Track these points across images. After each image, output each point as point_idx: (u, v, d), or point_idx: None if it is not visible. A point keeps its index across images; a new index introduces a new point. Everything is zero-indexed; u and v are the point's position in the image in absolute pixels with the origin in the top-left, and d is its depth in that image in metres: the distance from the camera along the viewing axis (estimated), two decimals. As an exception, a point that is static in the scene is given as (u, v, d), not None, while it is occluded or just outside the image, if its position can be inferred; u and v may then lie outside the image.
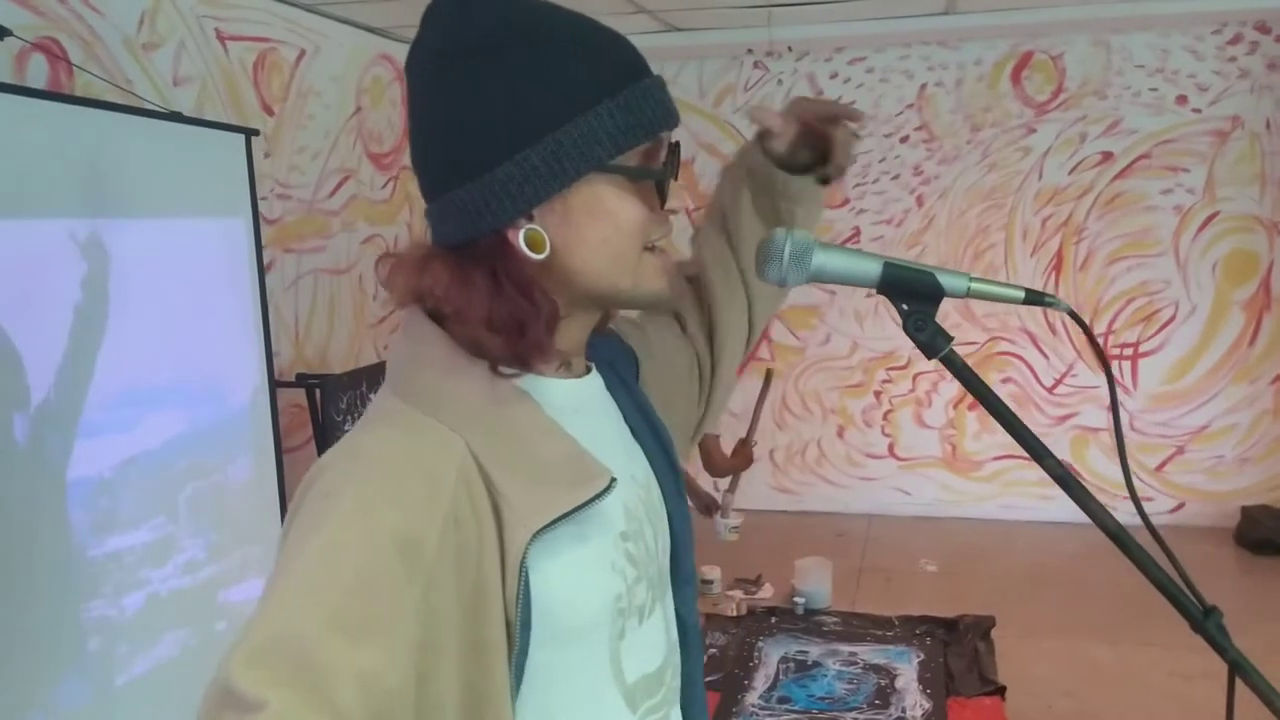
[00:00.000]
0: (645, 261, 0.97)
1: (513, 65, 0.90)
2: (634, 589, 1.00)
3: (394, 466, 0.86)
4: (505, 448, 0.90)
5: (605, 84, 0.91)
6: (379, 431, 0.91)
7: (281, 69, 4.52)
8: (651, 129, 0.93)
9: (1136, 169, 5.58)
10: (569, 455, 0.93)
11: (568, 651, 0.94)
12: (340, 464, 0.88)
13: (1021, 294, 0.99)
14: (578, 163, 0.90)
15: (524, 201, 0.91)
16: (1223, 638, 0.99)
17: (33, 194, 2.60)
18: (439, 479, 0.86)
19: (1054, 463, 1.00)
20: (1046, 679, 3.95)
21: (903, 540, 5.64)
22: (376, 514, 0.82)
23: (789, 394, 6.21)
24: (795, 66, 5.94)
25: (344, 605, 0.78)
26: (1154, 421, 5.74)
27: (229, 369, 3.23)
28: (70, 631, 2.63)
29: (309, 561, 0.80)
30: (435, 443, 0.88)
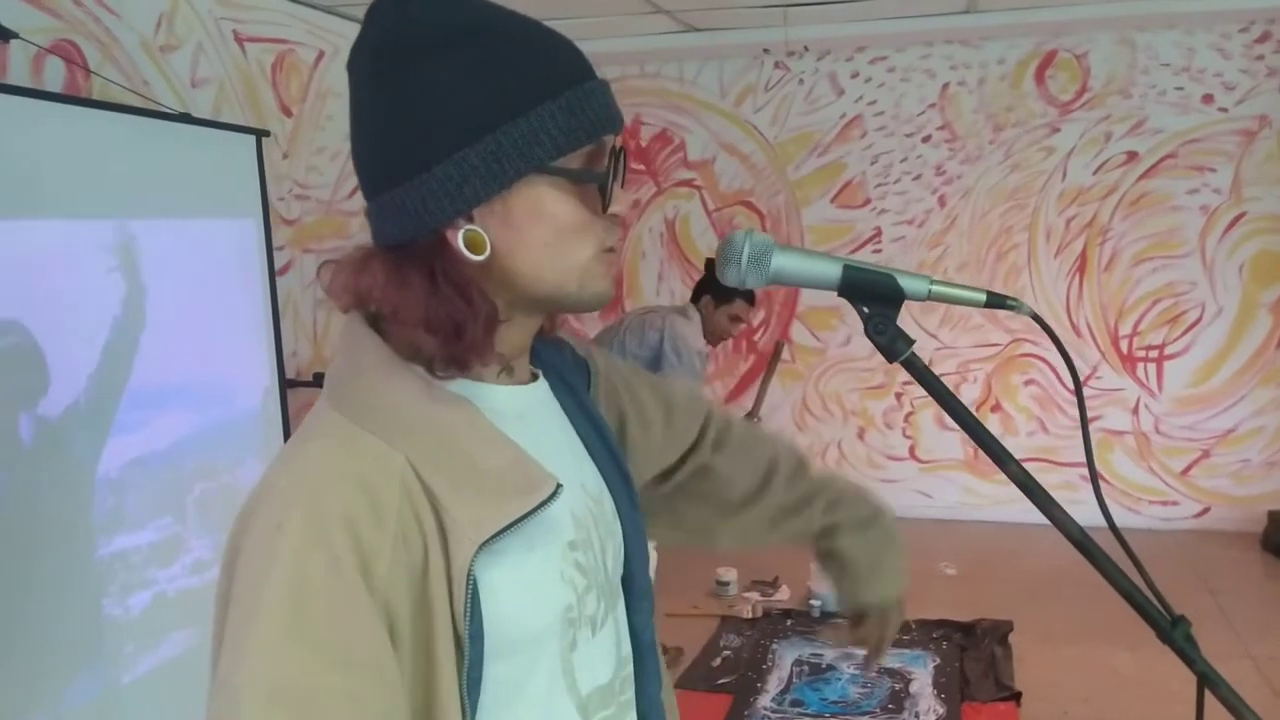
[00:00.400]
0: (595, 264, 0.95)
1: (452, 64, 0.89)
2: (584, 599, 0.99)
3: (338, 490, 0.84)
4: (445, 459, 0.88)
5: (547, 85, 0.91)
6: (317, 449, 0.88)
7: (300, 70, 4.55)
8: (593, 131, 0.92)
9: (1162, 169, 5.51)
10: (511, 463, 0.91)
11: (520, 663, 0.93)
12: (284, 490, 0.85)
13: (983, 297, 0.98)
14: (517, 163, 0.89)
15: (462, 202, 0.90)
16: (1190, 648, 0.97)
17: (44, 195, 2.63)
18: (382, 498, 0.84)
19: (1016, 467, 0.99)
20: (1064, 685, 3.90)
21: (922, 543, 5.60)
22: (331, 539, 0.81)
23: (809, 395, 6.18)
24: (816, 66, 5.91)
25: (327, 640, 0.79)
26: (1179, 425, 5.67)
27: (239, 370, 3.25)
28: (76, 630, 2.65)
29: (279, 600, 0.79)
30: (374, 460, 0.86)
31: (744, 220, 6.13)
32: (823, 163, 5.99)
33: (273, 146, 4.33)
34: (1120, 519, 4.51)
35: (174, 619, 2.94)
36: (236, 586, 0.82)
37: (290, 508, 0.82)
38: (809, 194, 6.04)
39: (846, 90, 5.89)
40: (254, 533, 0.83)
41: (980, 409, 5.93)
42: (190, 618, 2.95)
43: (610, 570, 1.05)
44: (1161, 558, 5.26)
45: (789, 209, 6.08)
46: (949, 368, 5.94)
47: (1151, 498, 5.72)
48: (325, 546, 0.80)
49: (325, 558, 0.80)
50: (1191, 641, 0.98)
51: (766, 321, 6.18)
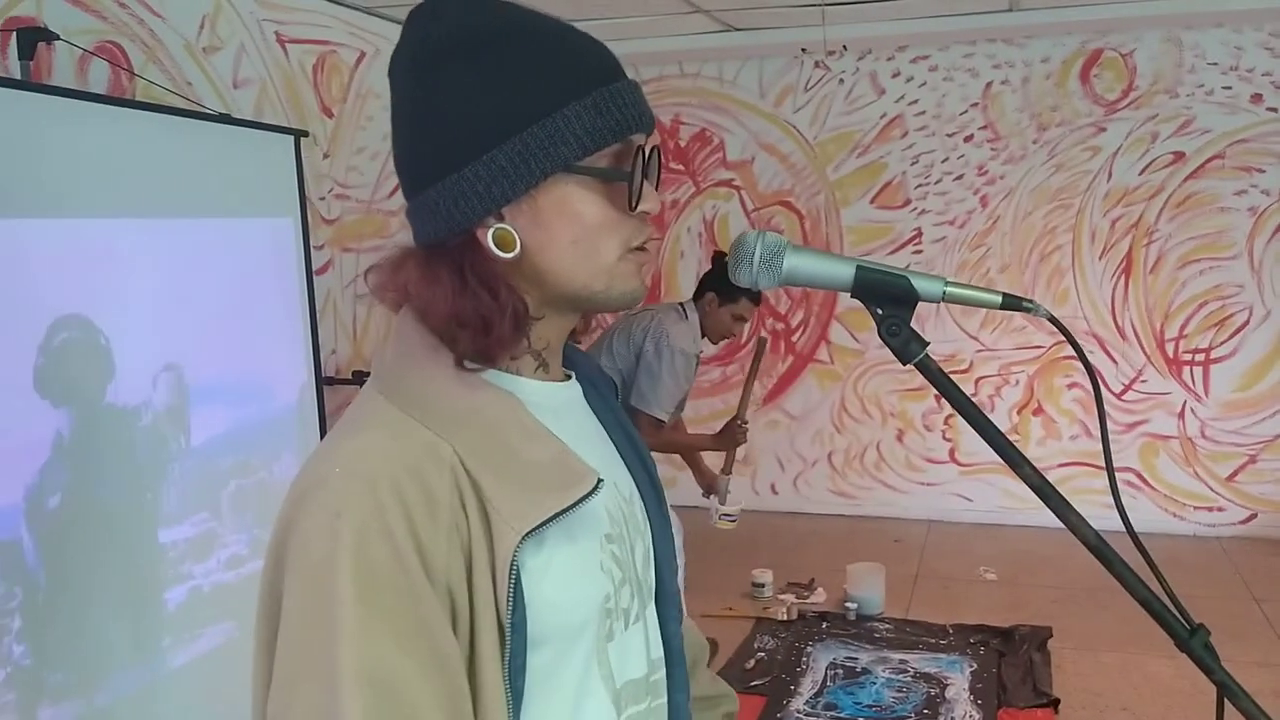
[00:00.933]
0: (622, 264, 0.97)
1: (481, 67, 0.92)
2: (620, 591, 1.01)
3: (395, 481, 0.85)
4: (491, 451, 0.91)
5: (573, 86, 0.92)
6: (371, 440, 0.90)
7: (341, 71, 4.59)
8: (620, 131, 0.94)
9: (1209, 169, 5.42)
10: (554, 456, 0.93)
11: (558, 650, 0.94)
12: (340, 479, 0.86)
13: (999, 299, 0.97)
14: (544, 163, 0.91)
15: (491, 201, 0.92)
16: (1210, 657, 0.95)
17: (87, 194, 2.67)
18: (435, 489, 0.87)
19: (1030, 470, 0.97)
20: (1102, 692, 3.85)
21: (962, 547, 5.55)
22: (392, 530, 0.83)
23: (848, 397, 6.14)
24: (857, 65, 5.87)
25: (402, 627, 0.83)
26: (1226, 429, 5.57)
27: (276, 367, 3.28)
28: (114, 624, 2.69)
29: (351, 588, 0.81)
30: (426, 451, 0.88)
31: (783, 221, 6.11)
32: (863, 163, 5.95)
33: (313, 147, 4.38)
34: (1165, 525, 4.48)
35: (210, 613, 2.98)
36: (294, 574, 0.85)
37: (349, 496, 0.84)
38: (849, 194, 6.00)
39: (887, 89, 5.85)
40: (310, 520, 0.85)
41: (1022, 412, 5.87)
42: (226, 612, 2.99)
43: (641, 569, 1.07)
44: (1206, 565, 5.18)
45: (828, 209, 6.05)
46: (990, 370, 5.88)
47: (1196, 503, 5.62)
48: (386, 536, 0.83)
49: (388, 548, 0.82)
50: (1210, 650, 0.96)
51: (805, 322, 6.15)
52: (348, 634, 0.80)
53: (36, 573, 2.47)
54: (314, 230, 4.35)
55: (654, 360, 3.70)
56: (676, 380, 3.76)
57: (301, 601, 0.84)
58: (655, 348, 3.70)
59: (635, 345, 3.76)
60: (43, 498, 2.48)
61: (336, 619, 0.81)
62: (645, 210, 0.97)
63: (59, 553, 2.53)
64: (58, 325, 2.53)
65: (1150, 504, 5.67)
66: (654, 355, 3.70)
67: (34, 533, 2.45)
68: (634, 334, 3.79)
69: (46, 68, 3.11)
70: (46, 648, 2.50)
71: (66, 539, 2.55)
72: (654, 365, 3.70)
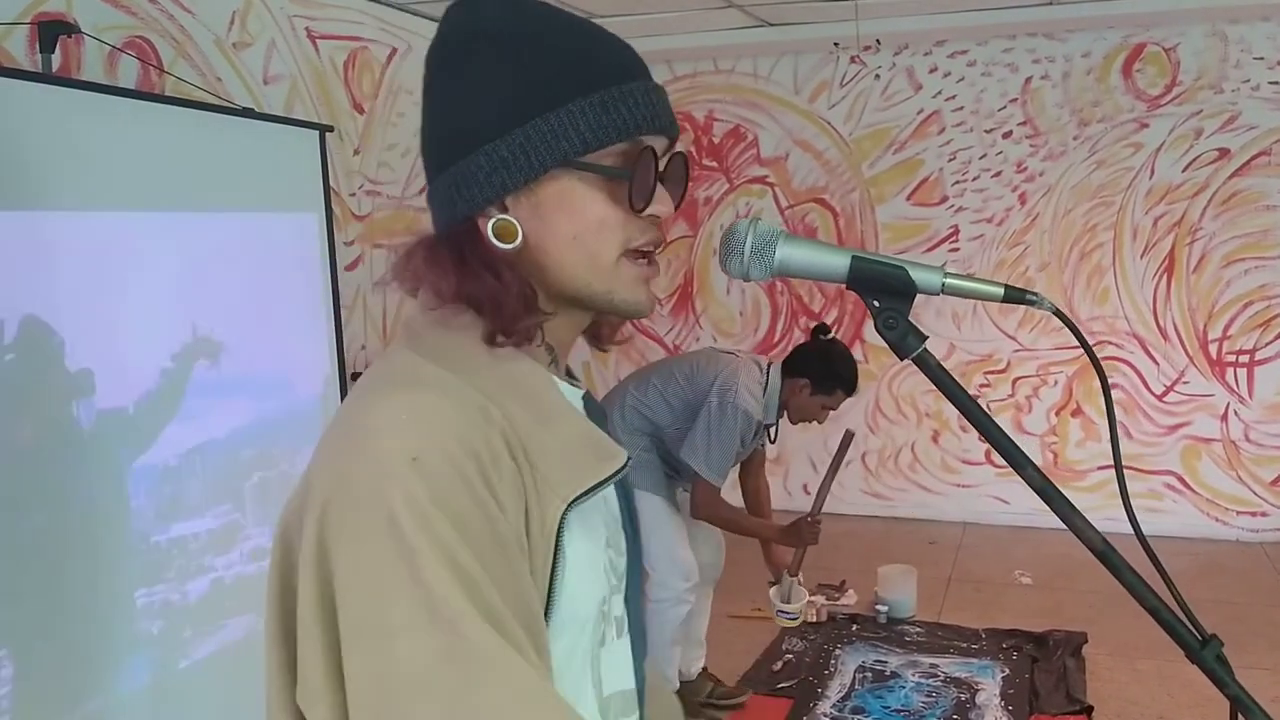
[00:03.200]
0: (622, 267, 0.96)
1: (492, 62, 0.95)
2: (613, 598, 1.00)
3: (464, 431, 0.83)
4: (534, 420, 0.91)
5: (581, 83, 0.93)
6: (426, 392, 0.87)
7: (372, 67, 4.60)
8: (626, 130, 0.93)
9: (1255, 166, 5.29)
10: (587, 432, 0.95)
11: (566, 643, 0.93)
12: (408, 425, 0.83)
13: (1001, 291, 0.93)
14: (544, 157, 0.92)
15: (491, 191, 0.94)
16: (1222, 670, 0.90)
17: (113, 188, 2.69)
18: (496, 445, 0.85)
19: (1034, 472, 0.93)
20: (1138, 700, 3.76)
21: (998, 550, 5.46)
22: (470, 478, 0.81)
23: (882, 397, 6.07)
24: (894, 61, 5.79)
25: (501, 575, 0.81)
26: (1270, 433, 5.43)
27: (300, 360, 3.29)
28: (135, 615, 2.70)
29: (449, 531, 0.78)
30: (478, 409, 0.86)
31: (818, 218, 6.05)
32: (899, 159, 5.88)
33: (344, 143, 4.39)
34: (1206, 529, 4.38)
35: (231, 605, 2.98)
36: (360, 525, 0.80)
37: (422, 444, 0.81)
38: (884, 191, 5.93)
39: (924, 85, 5.77)
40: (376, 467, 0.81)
41: (1060, 413, 5.77)
42: (247, 604, 2.99)
43: (626, 582, 1.05)
44: (1249, 570, 5.06)
45: (863, 206, 5.98)
46: (1028, 370, 5.78)
47: (1239, 508, 5.49)
48: (465, 484, 0.81)
49: (468, 495, 0.80)
50: (1223, 662, 0.91)
51: (840, 321, 6.08)
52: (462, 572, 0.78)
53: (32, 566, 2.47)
54: (345, 226, 4.37)
55: (716, 416, 3.36)
56: (734, 442, 3.42)
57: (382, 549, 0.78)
58: (720, 402, 3.36)
59: (698, 390, 3.42)
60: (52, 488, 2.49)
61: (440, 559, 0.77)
62: (655, 214, 0.96)
63: (68, 546, 2.54)
64: (73, 317, 2.54)
65: (1192, 508, 5.55)
66: (718, 410, 3.36)
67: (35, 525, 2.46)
68: (700, 375, 3.46)
69: (76, 62, 3.13)
70: (62, 642, 2.51)
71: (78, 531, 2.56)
72: (715, 421, 3.37)
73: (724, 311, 6.29)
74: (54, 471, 2.51)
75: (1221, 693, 0.91)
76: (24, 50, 2.96)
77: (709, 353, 3.69)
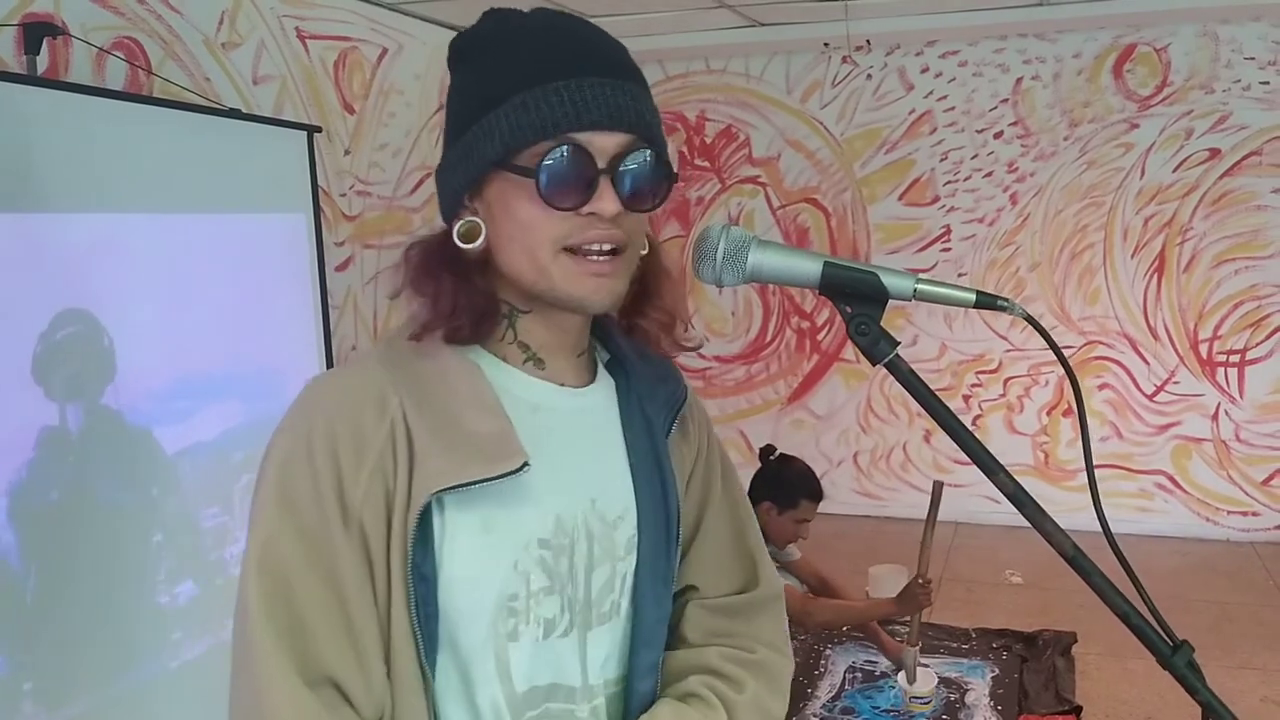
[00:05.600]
0: (558, 263, 0.97)
1: (467, 72, 1.00)
2: (539, 598, 1.00)
3: (331, 417, 0.96)
4: (434, 412, 0.97)
5: (511, 85, 0.95)
6: (330, 381, 1.04)
7: (363, 67, 4.59)
8: (543, 129, 0.93)
9: (1246, 166, 5.30)
10: (494, 433, 0.98)
11: (459, 626, 0.99)
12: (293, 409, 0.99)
13: (972, 296, 0.93)
14: (474, 161, 0.96)
15: (448, 196, 1.01)
16: (1193, 675, 0.91)
17: (101, 189, 2.68)
18: (367, 433, 0.96)
19: (1005, 477, 0.93)
20: (1127, 700, 3.77)
21: (989, 550, 5.47)
22: (314, 456, 0.95)
23: (874, 397, 6.08)
24: (885, 61, 5.79)
25: (310, 540, 0.94)
26: (1261, 433, 5.44)
27: (288, 362, 3.28)
28: (126, 617, 2.70)
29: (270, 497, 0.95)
30: (374, 398, 0.97)
31: (810, 218, 6.05)
32: (891, 159, 5.88)
33: (335, 143, 4.38)
34: (1197, 529, 4.37)
35: (222, 607, 2.98)
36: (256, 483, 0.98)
37: (292, 422, 0.98)
38: (876, 191, 5.93)
39: (916, 85, 5.77)
40: (273, 438, 0.99)
41: (1052, 413, 5.78)
42: (237, 607, 2.99)
43: (593, 592, 1.05)
44: (1239, 570, 5.07)
45: (855, 206, 5.98)
46: (1019, 370, 5.79)
47: (1230, 508, 5.50)
48: (309, 460, 0.94)
49: (308, 470, 0.94)
50: (1194, 668, 0.91)
51: (831, 320, 6.09)
52: (261, 527, 0.94)
53: (29, 569, 2.47)
54: (335, 226, 4.36)
55: None
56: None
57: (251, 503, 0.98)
58: None
59: None
60: (42, 493, 2.48)
61: (257, 517, 0.95)
62: (594, 211, 0.95)
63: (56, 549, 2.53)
64: (62, 318, 2.53)
65: (1183, 508, 5.56)
66: None
67: (27, 528, 2.45)
68: None
69: (63, 63, 3.12)
70: (47, 643, 2.50)
71: (65, 535, 2.55)
72: None
73: (716, 311, 6.29)
74: (40, 475, 2.50)
75: (1193, 698, 0.91)
76: (10, 52, 2.95)
77: None
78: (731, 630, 1.15)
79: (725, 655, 1.13)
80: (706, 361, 6.31)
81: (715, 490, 1.20)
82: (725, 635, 1.15)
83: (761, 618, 1.18)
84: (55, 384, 2.48)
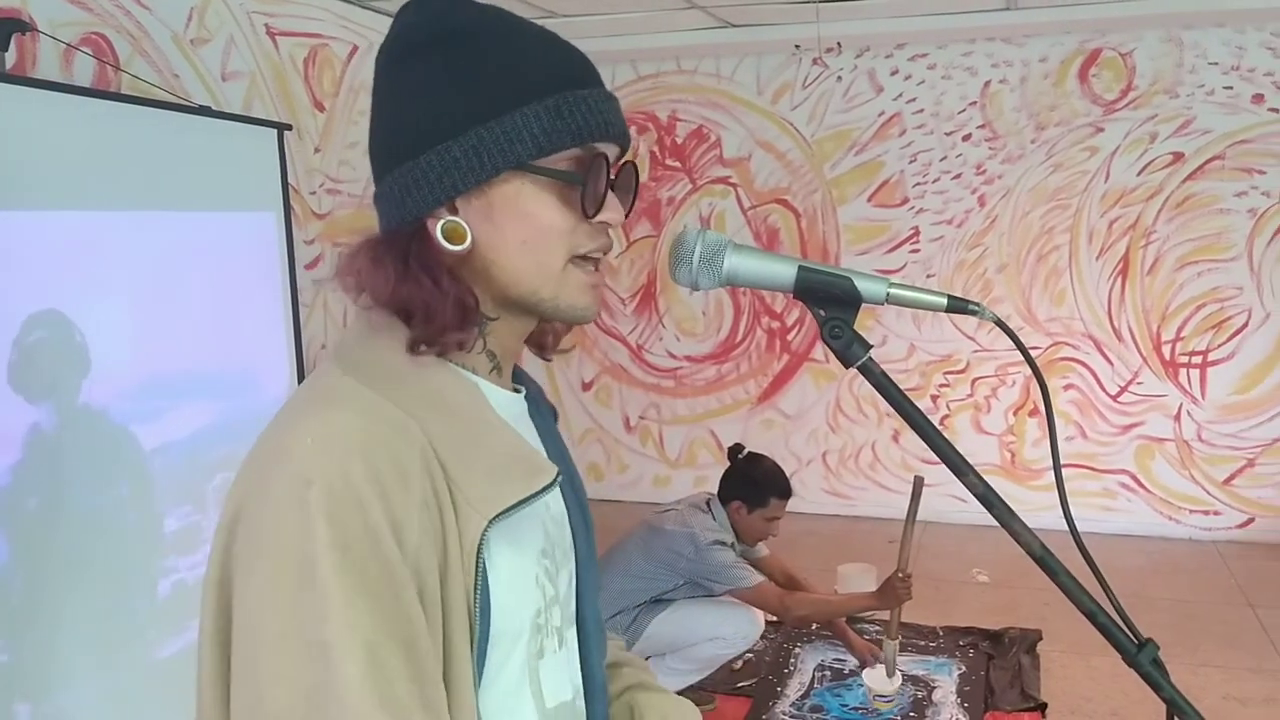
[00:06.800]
0: (570, 273, 0.96)
1: (449, 62, 0.94)
2: (550, 609, 1.00)
3: (368, 455, 0.83)
4: (456, 436, 0.90)
5: (535, 88, 0.93)
6: (343, 415, 0.86)
7: (333, 65, 4.57)
8: (579, 136, 0.93)
9: (1209, 170, 5.38)
10: (514, 447, 0.94)
11: (499, 655, 0.94)
12: (310, 451, 0.83)
13: (944, 300, 0.95)
14: (497, 159, 0.92)
15: (441, 192, 0.93)
16: (1158, 673, 0.93)
17: (69, 187, 2.66)
18: (407, 466, 0.85)
19: (975, 479, 0.95)
20: (1091, 697, 3.82)
21: (956, 549, 5.52)
22: (365, 503, 0.81)
23: (843, 397, 6.11)
24: (855, 63, 5.83)
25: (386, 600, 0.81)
26: (1223, 433, 5.53)
27: (259, 360, 3.27)
28: (98, 616, 2.68)
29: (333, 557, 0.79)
30: (397, 428, 0.86)
31: (780, 219, 6.08)
32: (860, 161, 5.92)
33: (304, 141, 4.36)
34: (1160, 528, 4.43)
35: (195, 606, 2.96)
36: (260, 547, 0.81)
37: (321, 466, 0.81)
38: (846, 192, 5.97)
39: (885, 87, 5.81)
40: (278, 490, 0.82)
41: (1018, 413, 5.84)
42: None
43: (565, 593, 1.06)
44: (1202, 569, 5.14)
45: (825, 207, 6.01)
46: (987, 371, 5.84)
47: (1192, 507, 5.58)
48: (360, 509, 0.80)
49: (361, 519, 0.80)
50: (1159, 665, 0.93)
51: (801, 320, 6.12)
52: (335, 600, 0.78)
53: (10, 570, 2.45)
54: (305, 225, 4.34)
55: (700, 560, 3.50)
56: (728, 555, 3.55)
57: (274, 573, 0.80)
58: (695, 550, 3.51)
59: (676, 552, 3.54)
60: (19, 497, 2.46)
61: (319, 586, 0.78)
62: (605, 220, 0.96)
63: (35, 549, 2.51)
64: (33, 321, 2.51)
65: (1146, 507, 5.63)
66: (697, 557, 3.50)
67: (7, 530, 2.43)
68: (672, 539, 3.56)
69: (31, 60, 3.09)
70: (28, 642, 2.48)
71: (43, 536, 2.53)
72: (705, 561, 3.50)
73: (686, 311, 6.31)
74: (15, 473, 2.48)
75: (1158, 695, 0.93)
76: (-23, 46, 2.93)
77: (651, 525, 3.68)
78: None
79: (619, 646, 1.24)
80: (677, 361, 6.33)
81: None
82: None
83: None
84: (33, 388, 2.46)
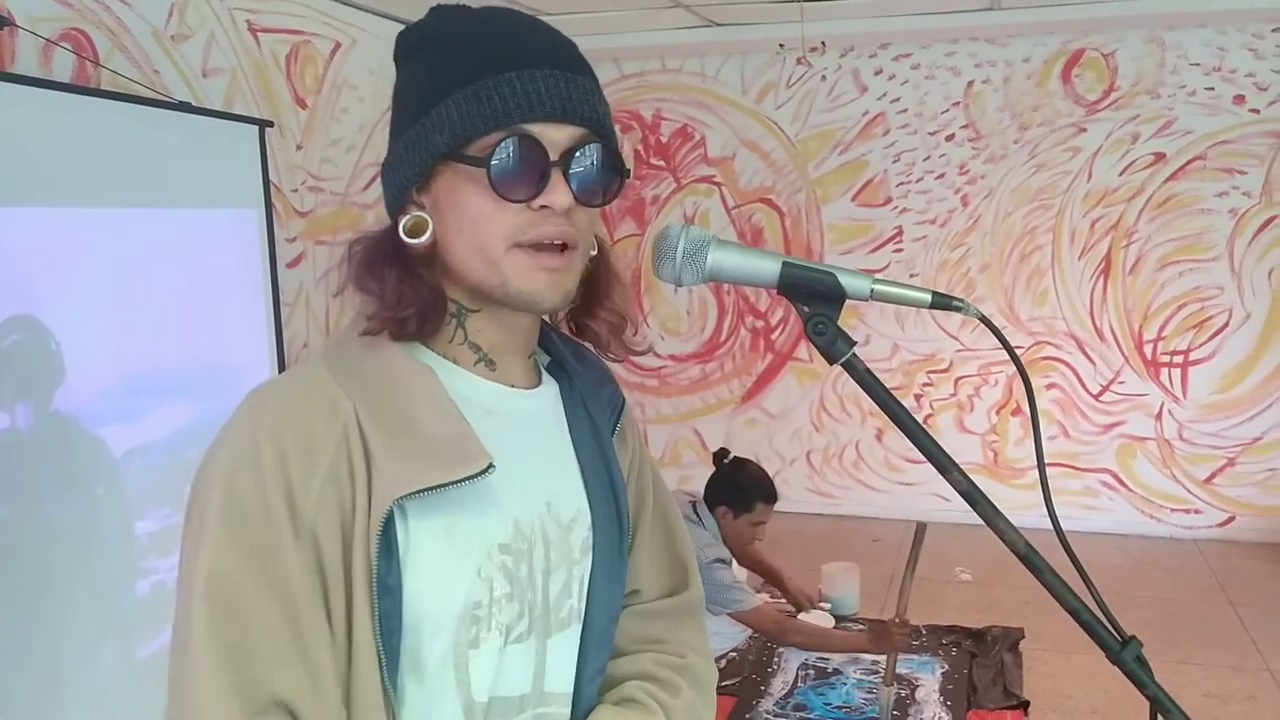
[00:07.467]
0: (513, 256, 0.95)
1: (412, 69, 0.99)
2: (500, 604, 0.99)
3: (279, 425, 0.91)
4: (390, 417, 0.94)
5: (461, 78, 0.94)
6: (276, 389, 0.97)
7: (315, 62, 4.55)
8: (495, 120, 0.92)
9: (1190, 171, 5.40)
10: (453, 435, 0.95)
11: (422, 636, 0.96)
12: (238, 419, 0.94)
13: (928, 297, 0.94)
14: (423, 153, 0.95)
15: (394, 189, 0.99)
16: (1141, 670, 0.92)
17: (47, 183, 2.64)
18: (318, 440, 0.91)
19: (959, 476, 0.95)
20: (1073, 695, 3.83)
21: (939, 548, 5.50)
22: (261, 466, 0.90)
23: (827, 396, 6.12)
24: (839, 63, 5.84)
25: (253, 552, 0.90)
26: (1204, 432, 5.56)
27: (240, 359, 3.25)
28: (78, 618, 2.66)
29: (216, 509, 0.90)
30: (324, 404, 0.93)
31: (764, 219, 6.08)
32: (844, 160, 5.92)
33: (286, 138, 4.33)
34: (1141, 527, 4.44)
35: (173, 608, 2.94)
36: (191, 498, 0.94)
37: (236, 432, 0.93)
38: (830, 192, 5.97)
39: (869, 87, 5.82)
40: (211, 450, 0.94)
41: (1001, 412, 5.85)
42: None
43: (551, 596, 1.04)
44: (1183, 567, 5.17)
45: (809, 207, 6.02)
46: (970, 370, 5.86)
47: (1174, 505, 5.61)
48: (255, 471, 0.90)
49: (254, 482, 0.89)
50: (1142, 663, 0.93)
51: (785, 320, 6.12)
52: (205, 547, 0.89)
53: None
54: (287, 222, 4.31)
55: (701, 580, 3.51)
56: (727, 575, 3.57)
57: (187, 523, 0.94)
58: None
59: None
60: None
61: (201, 535, 0.90)
62: (546, 205, 0.94)
63: (11, 553, 2.49)
64: (9, 325, 2.49)
65: (1127, 505, 5.66)
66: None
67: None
68: None
69: (9, 55, 3.06)
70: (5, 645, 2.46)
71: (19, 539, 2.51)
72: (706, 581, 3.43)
73: (671, 310, 6.30)
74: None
75: (1141, 693, 0.92)
76: (-46, 41, 2.90)
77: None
78: (661, 636, 1.18)
79: (659, 661, 1.16)
80: (661, 360, 6.33)
81: (649, 494, 1.21)
82: (656, 641, 1.18)
83: (689, 624, 1.22)
84: (6, 391, 2.44)
